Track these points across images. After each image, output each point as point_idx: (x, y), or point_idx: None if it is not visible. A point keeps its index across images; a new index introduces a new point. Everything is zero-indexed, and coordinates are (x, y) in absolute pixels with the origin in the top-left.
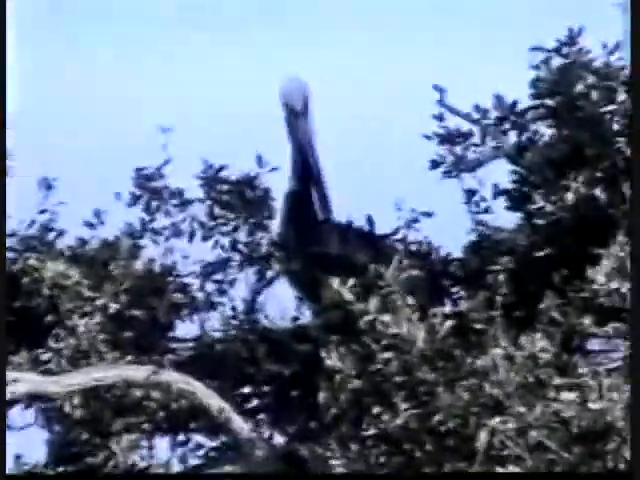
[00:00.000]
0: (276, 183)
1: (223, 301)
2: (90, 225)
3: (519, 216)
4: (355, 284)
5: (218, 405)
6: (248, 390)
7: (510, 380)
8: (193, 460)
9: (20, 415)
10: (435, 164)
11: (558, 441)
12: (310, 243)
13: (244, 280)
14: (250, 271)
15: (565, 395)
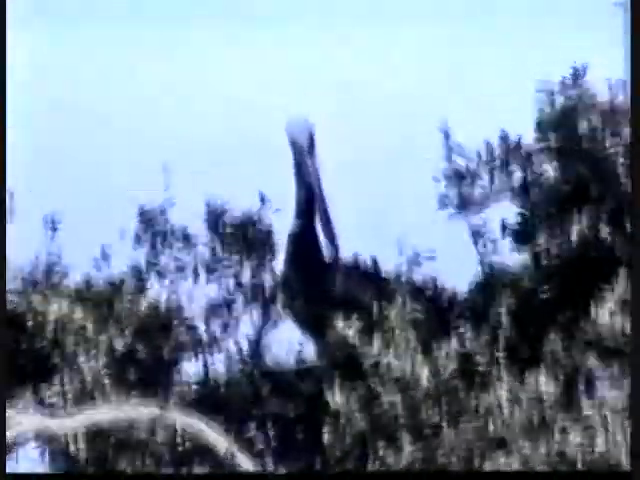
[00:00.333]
0: (280, 222)
1: (228, 341)
2: (95, 265)
3: (524, 255)
4: (360, 324)
5: (223, 445)
6: (253, 430)
7: (515, 420)
8: None
9: (24, 456)
10: (441, 203)
11: None
12: (314, 283)
13: (249, 320)
14: (255, 311)
15: (570, 435)
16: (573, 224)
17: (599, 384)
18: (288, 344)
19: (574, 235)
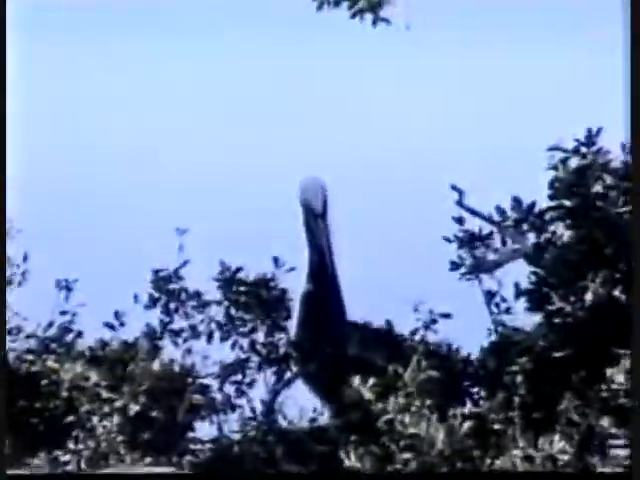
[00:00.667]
0: (293, 283)
1: (242, 402)
2: (109, 326)
3: (538, 317)
4: (374, 384)
5: None
6: None
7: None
8: None
9: None
10: (455, 265)
11: None
12: (328, 344)
13: (262, 381)
14: (269, 372)
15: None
16: (587, 284)
17: (613, 444)
18: (302, 404)
19: (588, 295)
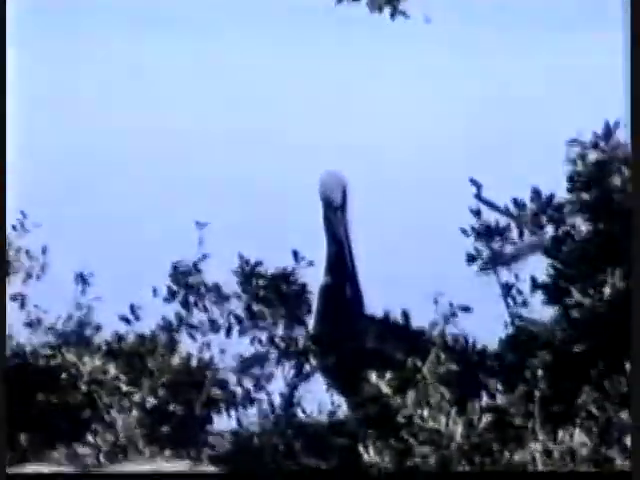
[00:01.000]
0: (312, 277)
1: (260, 395)
2: (127, 320)
3: (556, 310)
4: (392, 378)
5: None
6: None
7: (548, 475)
8: None
9: None
10: (472, 258)
11: None
12: (347, 337)
13: (281, 374)
14: (287, 365)
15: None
16: (606, 278)
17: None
18: (321, 397)
19: (607, 289)
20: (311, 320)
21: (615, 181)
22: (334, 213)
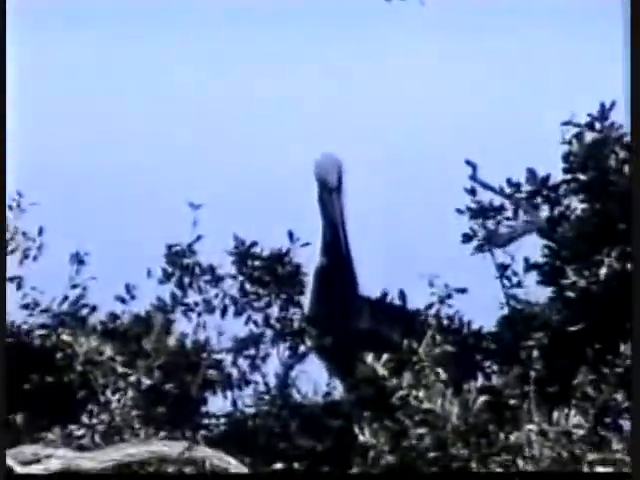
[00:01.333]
0: (308, 258)
1: (255, 377)
2: (122, 300)
3: (551, 290)
4: (388, 359)
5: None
6: (280, 466)
7: (544, 456)
8: None
9: None
10: (467, 238)
11: None
12: (342, 318)
13: (276, 355)
14: (282, 346)
15: (599, 471)
16: (602, 258)
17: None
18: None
19: (603, 269)
20: (306, 301)
21: (611, 161)
22: (329, 195)
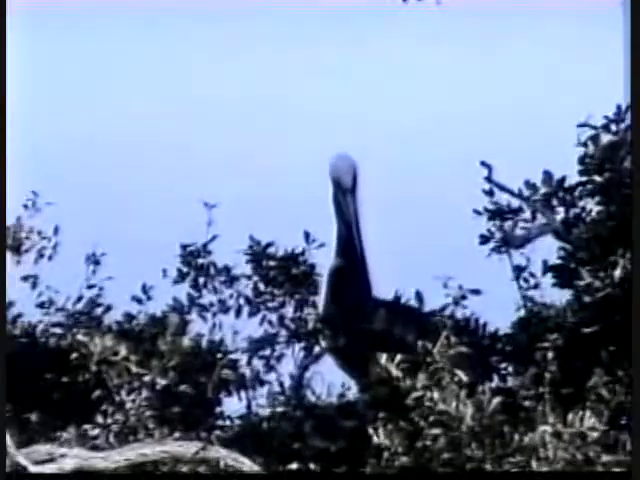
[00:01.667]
0: (323, 259)
1: (270, 377)
2: (139, 300)
3: (567, 292)
4: (403, 360)
5: None
6: (295, 467)
7: (558, 457)
8: None
9: None
10: (484, 239)
11: None
12: (356, 319)
13: (291, 356)
14: (297, 347)
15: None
16: (617, 260)
17: None
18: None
19: (618, 271)
20: (321, 301)
21: (627, 164)
22: (344, 196)
